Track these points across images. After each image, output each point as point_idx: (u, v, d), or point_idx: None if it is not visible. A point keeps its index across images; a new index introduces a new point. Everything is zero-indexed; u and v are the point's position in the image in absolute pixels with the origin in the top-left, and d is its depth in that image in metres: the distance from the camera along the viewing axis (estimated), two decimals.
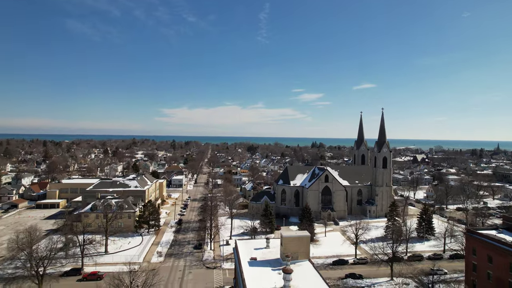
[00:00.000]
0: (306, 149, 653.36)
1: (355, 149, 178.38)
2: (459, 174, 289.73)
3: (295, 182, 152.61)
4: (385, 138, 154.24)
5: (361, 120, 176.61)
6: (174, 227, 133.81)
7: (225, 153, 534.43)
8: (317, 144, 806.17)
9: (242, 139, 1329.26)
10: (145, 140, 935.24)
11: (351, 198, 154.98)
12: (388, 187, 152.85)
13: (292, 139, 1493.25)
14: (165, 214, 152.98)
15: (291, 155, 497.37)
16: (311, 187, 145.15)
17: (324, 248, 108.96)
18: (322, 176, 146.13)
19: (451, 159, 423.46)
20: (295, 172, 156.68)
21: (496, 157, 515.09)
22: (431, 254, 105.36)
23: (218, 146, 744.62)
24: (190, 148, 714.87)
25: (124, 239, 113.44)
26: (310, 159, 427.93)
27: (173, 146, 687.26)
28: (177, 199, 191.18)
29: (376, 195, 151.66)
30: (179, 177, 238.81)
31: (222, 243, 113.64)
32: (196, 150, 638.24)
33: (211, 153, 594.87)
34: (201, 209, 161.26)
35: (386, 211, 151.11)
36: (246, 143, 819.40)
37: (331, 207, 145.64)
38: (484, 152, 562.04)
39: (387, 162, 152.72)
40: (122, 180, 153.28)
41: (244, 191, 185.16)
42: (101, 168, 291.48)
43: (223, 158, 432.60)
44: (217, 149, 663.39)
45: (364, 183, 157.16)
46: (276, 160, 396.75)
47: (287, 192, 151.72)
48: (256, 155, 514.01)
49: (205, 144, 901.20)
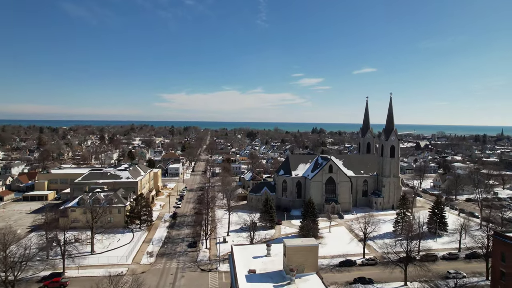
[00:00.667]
0: (306, 135, 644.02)
1: (360, 136, 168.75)
2: (465, 161, 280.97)
3: (297, 173, 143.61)
4: (393, 125, 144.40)
5: (367, 105, 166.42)
6: (168, 222, 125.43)
7: (224, 139, 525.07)
8: (318, 129, 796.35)
9: (242, 124, 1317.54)
10: (144, 126, 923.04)
11: (356, 189, 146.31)
12: (396, 177, 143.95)
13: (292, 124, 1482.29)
14: (159, 207, 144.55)
15: (292, 141, 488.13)
16: (314, 178, 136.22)
17: (329, 246, 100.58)
18: (326, 166, 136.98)
19: (455, 145, 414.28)
20: (297, 161, 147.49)
21: (500, 143, 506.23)
22: (446, 253, 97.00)
23: (217, 132, 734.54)
24: (189, 134, 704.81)
25: (113, 236, 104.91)
26: (311, 146, 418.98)
27: (171, 132, 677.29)
28: (173, 190, 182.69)
29: (383, 186, 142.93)
30: (175, 165, 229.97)
31: (219, 241, 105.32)
32: (195, 136, 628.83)
33: (210, 139, 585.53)
34: (198, 200, 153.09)
35: (393, 203, 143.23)
36: (245, 129, 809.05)
37: (335, 199, 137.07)
38: (487, 138, 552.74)
39: (395, 151, 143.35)
40: (113, 171, 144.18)
41: (243, 181, 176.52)
42: (96, 156, 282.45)
43: (222, 144, 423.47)
44: (216, 135, 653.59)
45: (370, 173, 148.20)
46: (276, 147, 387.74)
47: (289, 183, 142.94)
48: (255, 141, 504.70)
49: (204, 130, 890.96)
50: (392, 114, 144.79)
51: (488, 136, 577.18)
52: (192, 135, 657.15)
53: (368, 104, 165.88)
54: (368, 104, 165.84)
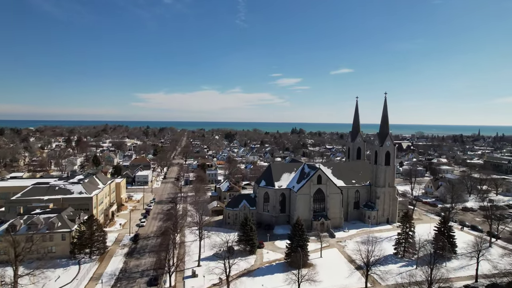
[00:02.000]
0: (286, 135, 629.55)
1: (349, 141, 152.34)
2: (450, 164, 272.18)
3: (280, 184, 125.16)
4: (388, 129, 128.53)
5: (356, 106, 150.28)
6: (127, 247, 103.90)
7: (201, 141, 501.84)
8: (297, 130, 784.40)
9: (220, 124, 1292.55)
10: (118, 126, 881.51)
11: (347, 201, 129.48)
12: (391, 187, 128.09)
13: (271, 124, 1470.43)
14: (119, 226, 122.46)
15: (271, 143, 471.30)
16: (300, 190, 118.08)
17: (322, 283, 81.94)
18: (314, 176, 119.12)
19: (437, 146, 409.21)
20: (280, 171, 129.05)
21: (477, 143, 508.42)
22: (463, 286, 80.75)
23: (194, 133, 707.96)
24: (165, 135, 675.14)
25: (52, 272, 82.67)
26: (292, 147, 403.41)
27: (145, 133, 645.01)
28: (139, 202, 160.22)
29: (377, 198, 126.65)
30: (144, 172, 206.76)
31: (187, 274, 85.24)
32: (171, 137, 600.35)
33: (186, 140, 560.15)
34: (166, 216, 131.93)
35: (388, 216, 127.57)
36: (223, 130, 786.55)
37: (325, 215, 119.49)
38: (464, 138, 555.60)
39: (391, 158, 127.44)
40: (62, 185, 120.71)
41: (219, 192, 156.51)
42: (56, 162, 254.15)
43: (198, 147, 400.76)
44: (193, 136, 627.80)
45: (363, 183, 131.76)
46: (256, 149, 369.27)
47: (271, 196, 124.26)
48: (234, 143, 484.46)
49: (181, 131, 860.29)
50: (387, 116, 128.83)
51: (464, 136, 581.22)
52: (167, 137, 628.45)
53: (358, 105, 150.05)
54: (358, 105, 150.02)
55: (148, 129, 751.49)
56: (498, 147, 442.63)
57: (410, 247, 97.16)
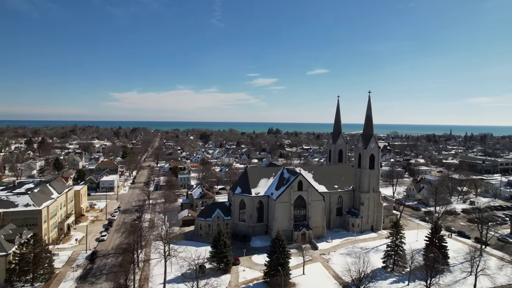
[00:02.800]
0: (262, 135, 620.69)
1: (330, 142, 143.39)
2: (428, 164, 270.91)
3: (257, 191, 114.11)
4: (372, 130, 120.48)
5: (338, 106, 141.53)
6: (81, 268, 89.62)
7: (174, 142, 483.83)
8: (274, 130, 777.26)
9: (196, 124, 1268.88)
10: (88, 126, 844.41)
11: (330, 208, 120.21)
12: (376, 192, 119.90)
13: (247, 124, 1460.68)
14: (75, 242, 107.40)
15: (248, 143, 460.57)
16: (280, 197, 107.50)
17: None
18: (295, 182, 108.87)
19: (412, 146, 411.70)
20: (257, 176, 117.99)
21: (449, 142, 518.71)
22: None
23: (168, 134, 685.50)
24: (137, 135, 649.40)
25: None
26: (269, 148, 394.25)
27: (116, 133, 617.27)
28: (102, 211, 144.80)
29: (361, 204, 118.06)
30: (110, 177, 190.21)
31: None
32: (143, 138, 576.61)
33: (159, 141, 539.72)
34: (131, 229, 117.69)
35: (373, 223, 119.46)
36: (199, 130, 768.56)
37: (306, 224, 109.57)
38: (437, 138, 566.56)
39: (375, 161, 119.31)
40: (5, 196, 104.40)
41: (191, 199, 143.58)
42: (12, 166, 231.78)
43: (171, 148, 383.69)
44: (167, 137, 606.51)
45: (346, 188, 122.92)
46: (232, 150, 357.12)
47: (247, 204, 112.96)
48: (209, 143, 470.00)
49: (154, 131, 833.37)
50: (371, 117, 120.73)
51: (437, 135, 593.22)
52: (140, 137, 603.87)
53: (339, 105, 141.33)
54: (339, 105, 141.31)
55: (119, 130, 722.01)
56: (469, 147, 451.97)
57: (400, 260, 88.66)
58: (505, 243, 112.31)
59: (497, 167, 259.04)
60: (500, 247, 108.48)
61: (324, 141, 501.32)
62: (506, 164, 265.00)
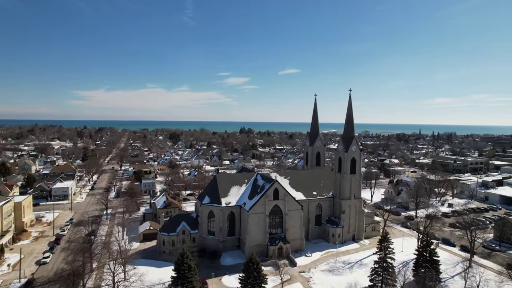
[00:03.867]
0: (234, 135, 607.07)
1: (307, 145, 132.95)
2: (402, 164, 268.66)
3: (228, 200, 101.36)
4: (353, 132, 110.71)
5: (315, 106, 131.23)
6: None
7: (142, 143, 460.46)
8: (246, 129, 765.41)
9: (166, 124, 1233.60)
10: (50, 126, 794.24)
11: (308, 217, 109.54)
12: (357, 199, 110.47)
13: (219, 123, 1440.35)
14: (7, 268, 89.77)
15: (219, 143, 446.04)
16: (254, 208, 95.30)
17: None
18: (270, 191, 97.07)
19: (385, 145, 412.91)
20: (228, 184, 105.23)
21: (419, 142, 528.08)
22: None
23: (135, 134, 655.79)
24: (102, 136, 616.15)
25: None
26: (241, 148, 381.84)
27: (80, 134, 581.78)
28: (51, 224, 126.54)
29: (342, 212, 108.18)
30: (64, 184, 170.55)
31: None
32: (109, 138, 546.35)
33: (125, 142, 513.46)
34: (84, 245, 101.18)
35: (354, 232, 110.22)
36: (168, 130, 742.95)
37: (283, 237, 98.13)
38: (407, 137, 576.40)
39: (356, 165, 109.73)
40: None
41: (154, 208, 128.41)
42: None
43: (138, 149, 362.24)
44: (134, 137, 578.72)
45: (325, 195, 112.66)
46: (202, 151, 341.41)
47: (217, 216, 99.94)
48: (178, 144, 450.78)
49: (122, 131, 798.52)
50: (352, 117, 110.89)
51: (406, 134, 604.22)
52: (105, 138, 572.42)
53: (317, 105, 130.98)
54: (317, 104, 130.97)
55: (84, 129, 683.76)
56: (438, 146, 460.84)
57: (389, 278, 78.97)
58: (491, 251, 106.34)
59: (467, 166, 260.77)
60: (487, 256, 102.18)
61: (297, 141, 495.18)
62: (475, 164, 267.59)
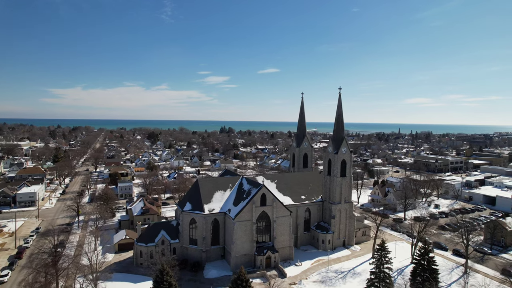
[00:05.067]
0: (215, 135, 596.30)
1: (294, 146, 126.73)
2: (384, 164, 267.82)
3: (211, 207, 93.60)
4: (343, 133, 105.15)
5: (302, 105, 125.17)
6: None
7: (119, 143, 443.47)
8: (226, 129, 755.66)
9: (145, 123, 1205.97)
10: (20, 125, 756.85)
11: (297, 223, 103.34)
12: (348, 203, 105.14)
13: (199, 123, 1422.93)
14: None
15: (199, 143, 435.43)
16: (240, 215, 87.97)
17: None
18: (257, 197, 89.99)
19: (366, 145, 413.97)
20: (211, 189, 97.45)
21: (398, 141, 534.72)
22: None
23: (112, 133, 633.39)
24: (77, 135, 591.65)
25: None
26: (222, 148, 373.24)
27: (52, 133, 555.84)
28: (13, 235, 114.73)
29: (332, 217, 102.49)
30: (30, 189, 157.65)
31: None
32: (84, 138, 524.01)
33: (101, 142, 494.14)
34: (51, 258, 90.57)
35: (344, 237, 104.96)
36: (146, 129, 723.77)
37: (271, 246, 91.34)
38: (386, 136, 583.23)
39: (347, 167, 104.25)
40: None
41: (131, 215, 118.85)
42: None
43: (114, 150, 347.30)
44: (111, 137, 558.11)
45: (314, 199, 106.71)
46: (182, 152, 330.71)
47: (200, 224, 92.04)
48: (157, 144, 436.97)
49: (98, 130, 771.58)
50: (342, 117, 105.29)
51: (385, 134, 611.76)
52: (80, 138, 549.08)
53: (303, 104, 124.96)
54: (303, 103, 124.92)
55: (57, 129, 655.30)
56: (417, 145, 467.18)
57: None
58: (483, 254, 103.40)
59: (448, 166, 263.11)
60: (480, 260, 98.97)
61: (278, 141, 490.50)
62: (456, 163, 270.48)
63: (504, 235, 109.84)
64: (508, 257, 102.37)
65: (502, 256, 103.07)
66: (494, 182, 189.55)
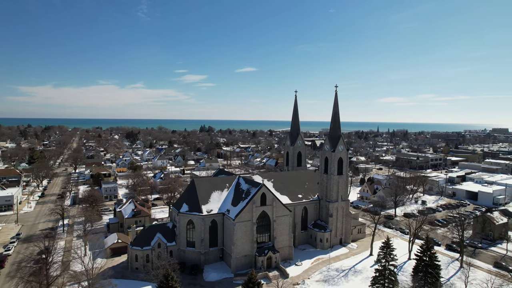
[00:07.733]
0: (195, 134, 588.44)
1: (288, 144, 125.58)
2: (368, 162, 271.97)
3: (209, 208, 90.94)
4: (340, 131, 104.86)
5: (296, 103, 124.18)
6: None
7: (97, 143, 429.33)
8: (206, 128, 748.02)
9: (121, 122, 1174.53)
10: None
11: (295, 222, 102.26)
12: (345, 201, 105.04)
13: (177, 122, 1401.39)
14: None
15: (181, 142, 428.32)
16: (240, 216, 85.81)
17: None
18: (257, 196, 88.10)
19: (347, 143, 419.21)
20: (208, 189, 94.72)
21: (377, 139, 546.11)
22: None
23: (88, 133, 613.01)
24: (50, 135, 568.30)
25: None
26: (204, 148, 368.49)
27: (23, 133, 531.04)
28: None
29: (329, 216, 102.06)
30: (7, 191, 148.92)
31: None
32: (58, 138, 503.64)
33: (78, 142, 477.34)
34: (37, 266, 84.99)
35: (341, 235, 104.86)
36: (124, 128, 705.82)
37: (272, 246, 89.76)
38: (365, 134, 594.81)
39: (343, 166, 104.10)
40: None
41: (120, 218, 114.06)
42: None
43: (93, 150, 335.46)
44: (87, 137, 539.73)
45: (310, 197, 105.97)
46: (164, 151, 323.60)
47: (197, 226, 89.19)
48: (137, 143, 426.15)
49: (73, 130, 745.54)
50: (339, 115, 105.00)
51: (364, 132, 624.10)
52: (54, 137, 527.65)
53: (297, 102, 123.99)
54: (297, 101, 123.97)
55: (28, 129, 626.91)
56: (396, 143, 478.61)
57: (391, 287, 73.57)
58: (474, 248, 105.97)
59: (428, 162, 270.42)
60: (472, 254, 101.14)
61: (260, 139, 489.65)
62: (435, 160, 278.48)
63: (492, 229, 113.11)
64: (497, 250, 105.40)
65: (492, 249, 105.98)
66: (474, 178, 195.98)
